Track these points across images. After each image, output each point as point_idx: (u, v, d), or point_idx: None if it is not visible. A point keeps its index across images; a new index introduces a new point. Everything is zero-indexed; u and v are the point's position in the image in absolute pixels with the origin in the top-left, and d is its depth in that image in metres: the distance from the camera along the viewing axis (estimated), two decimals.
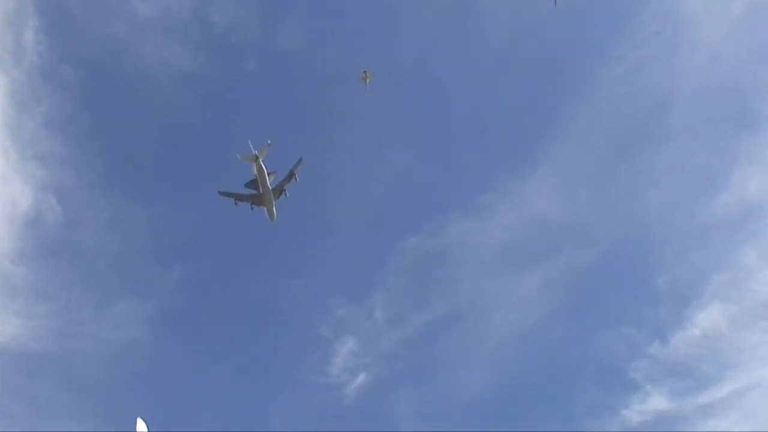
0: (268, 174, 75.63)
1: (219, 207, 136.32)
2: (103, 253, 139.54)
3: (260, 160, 74.65)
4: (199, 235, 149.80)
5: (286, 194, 77.90)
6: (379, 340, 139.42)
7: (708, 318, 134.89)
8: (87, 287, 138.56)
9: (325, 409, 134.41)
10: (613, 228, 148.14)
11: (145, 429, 15.59)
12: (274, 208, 78.01)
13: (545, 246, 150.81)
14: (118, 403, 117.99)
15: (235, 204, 78.18)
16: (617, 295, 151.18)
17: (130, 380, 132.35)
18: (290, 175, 77.10)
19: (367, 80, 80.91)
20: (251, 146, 74.96)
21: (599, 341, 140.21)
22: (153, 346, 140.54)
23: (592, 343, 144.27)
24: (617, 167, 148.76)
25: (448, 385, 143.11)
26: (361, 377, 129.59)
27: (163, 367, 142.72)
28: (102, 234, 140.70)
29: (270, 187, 76.27)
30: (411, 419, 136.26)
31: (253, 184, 76.59)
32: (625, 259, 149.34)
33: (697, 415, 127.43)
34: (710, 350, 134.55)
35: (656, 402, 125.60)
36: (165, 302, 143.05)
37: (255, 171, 75.71)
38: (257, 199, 77.09)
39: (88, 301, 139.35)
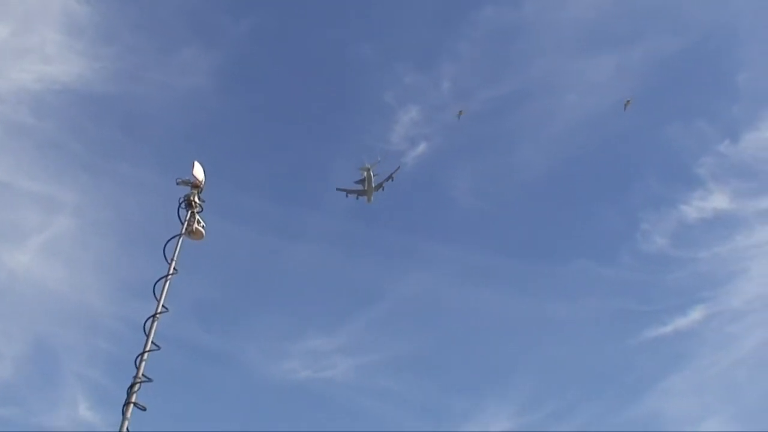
0: (374, 175, 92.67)
1: None
2: None
3: (371, 171, 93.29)
4: None
5: (383, 189, 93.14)
6: (443, 112, 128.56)
7: None
8: (153, 32, 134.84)
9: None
10: (702, 17, 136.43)
11: (202, 172, 14.18)
12: (372, 197, 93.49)
13: (627, 29, 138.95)
14: (177, 147, 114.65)
15: (346, 196, 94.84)
16: (694, 88, 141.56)
17: (190, 127, 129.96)
18: (389, 177, 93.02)
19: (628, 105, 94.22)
20: (365, 161, 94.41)
21: (668, 133, 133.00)
22: (215, 96, 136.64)
23: (661, 135, 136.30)
24: None
25: (509, 163, 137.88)
26: (421, 147, 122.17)
27: (224, 117, 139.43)
28: None
29: (373, 186, 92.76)
30: (466, 193, 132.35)
31: (360, 182, 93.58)
32: (709, 51, 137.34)
33: (755, 220, 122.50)
34: None
35: (717, 201, 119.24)
36: (230, 53, 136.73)
37: (365, 176, 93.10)
38: (362, 193, 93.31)
39: (152, 45, 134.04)
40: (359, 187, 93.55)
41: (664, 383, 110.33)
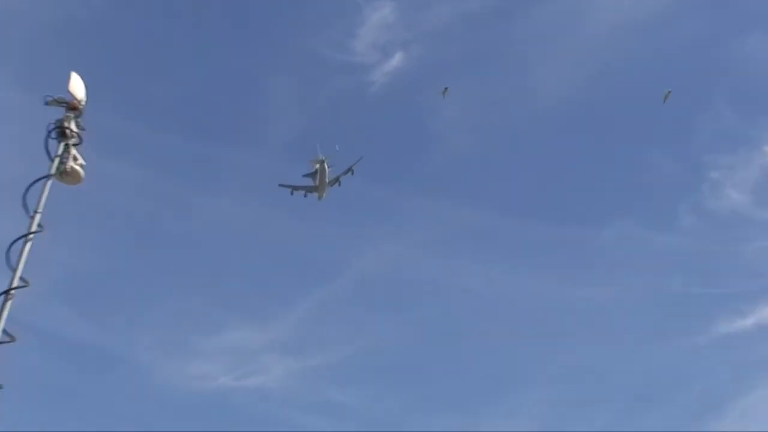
0: (329, 167, 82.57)
1: None
2: None
3: (325, 163, 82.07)
4: None
5: (339, 184, 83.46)
6: (427, 11, 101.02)
7: None
8: None
9: (341, 97, 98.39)
10: None
11: (82, 88, 10.99)
12: (325, 194, 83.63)
13: None
14: (45, 54, 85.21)
15: (291, 193, 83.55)
16: None
17: (64, 26, 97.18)
18: (348, 170, 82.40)
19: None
20: (319, 151, 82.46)
21: (750, 45, 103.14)
22: None
23: (739, 47, 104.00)
24: None
25: (517, 86, 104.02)
26: (396, 59, 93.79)
27: (113, 14, 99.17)
28: None
29: (327, 181, 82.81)
30: (457, 127, 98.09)
31: (311, 175, 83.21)
32: None
33: None
34: None
35: None
36: None
37: (317, 168, 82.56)
38: (312, 189, 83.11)
39: None
40: (309, 182, 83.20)
41: (745, 400, 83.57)
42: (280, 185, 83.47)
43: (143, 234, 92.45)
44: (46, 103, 10.65)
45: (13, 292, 9.72)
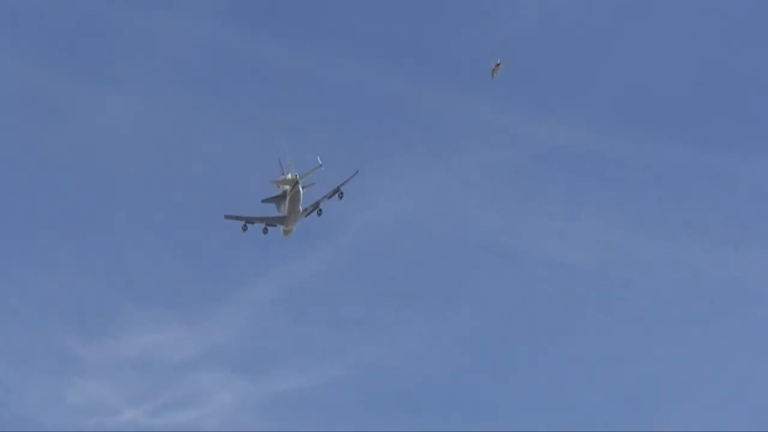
0: (303, 188, 60.52)
1: None
2: None
3: (299, 184, 59.30)
4: None
5: (319, 213, 61.31)
6: None
7: None
8: None
9: None
10: None
11: None
12: (295, 227, 61.65)
13: None
14: None
15: (244, 229, 61.42)
16: None
17: None
18: (335, 191, 61.05)
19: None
20: (290, 162, 58.31)
21: None
22: None
23: None
24: None
25: None
26: None
27: None
28: None
29: (300, 209, 60.84)
30: None
31: (275, 201, 61.65)
32: None
33: None
34: None
35: None
36: None
37: (285, 191, 60.52)
38: (277, 221, 61.95)
39: None
40: (272, 210, 61.17)
41: None
42: (227, 217, 59.61)
43: None
44: None
45: None
